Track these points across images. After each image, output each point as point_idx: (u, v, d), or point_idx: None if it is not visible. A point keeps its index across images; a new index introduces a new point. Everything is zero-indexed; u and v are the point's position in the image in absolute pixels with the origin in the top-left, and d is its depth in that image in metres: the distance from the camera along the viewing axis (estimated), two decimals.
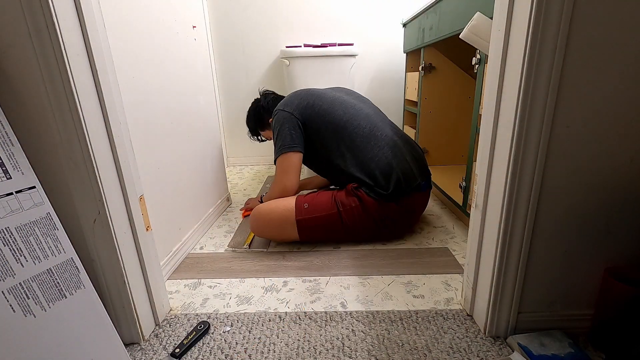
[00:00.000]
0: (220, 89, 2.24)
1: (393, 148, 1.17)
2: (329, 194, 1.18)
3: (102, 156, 0.66)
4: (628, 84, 0.59)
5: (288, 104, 1.26)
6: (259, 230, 1.20)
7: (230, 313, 0.88)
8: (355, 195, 1.14)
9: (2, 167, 0.59)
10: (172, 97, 1.10)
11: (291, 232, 1.16)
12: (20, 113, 0.61)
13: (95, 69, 0.64)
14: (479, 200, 0.75)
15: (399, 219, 1.17)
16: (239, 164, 2.42)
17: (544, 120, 0.61)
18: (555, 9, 0.55)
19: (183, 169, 1.17)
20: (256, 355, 0.74)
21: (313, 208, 1.14)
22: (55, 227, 0.64)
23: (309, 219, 1.14)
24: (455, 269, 1.04)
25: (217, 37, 2.13)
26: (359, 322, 0.83)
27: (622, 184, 0.65)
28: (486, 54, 0.96)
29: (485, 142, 0.72)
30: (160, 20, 1.04)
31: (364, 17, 2.07)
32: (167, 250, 1.05)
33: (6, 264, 0.57)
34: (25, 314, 0.58)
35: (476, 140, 1.07)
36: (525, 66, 0.58)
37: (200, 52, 1.33)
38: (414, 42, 1.68)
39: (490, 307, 0.74)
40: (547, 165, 0.64)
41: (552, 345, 0.71)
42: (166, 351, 0.76)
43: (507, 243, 0.69)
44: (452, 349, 0.74)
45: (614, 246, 0.69)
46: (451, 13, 1.19)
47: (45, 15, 0.55)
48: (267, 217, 1.17)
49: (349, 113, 1.22)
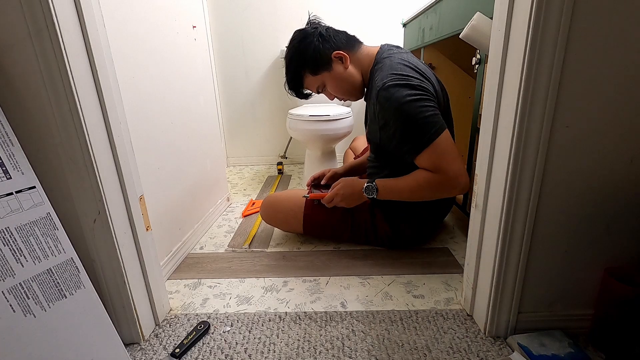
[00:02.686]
0: (220, 89, 2.23)
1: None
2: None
3: (102, 156, 0.66)
4: (628, 84, 0.59)
5: (405, 71, 0.92)
6: (268, 217, 1.21)
7: (230, 313, 0.88)
8: (372, 212, 1.10)
9: (2, 167, 0.59)
10: (172, 97, 1.10)
11: (296, 225, 1.17)
12: (20, 113, 0.61)
13: (95, 69, 0.64)
14: (479, 200, 0.75)
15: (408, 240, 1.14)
16: (239, 164, 2.41)
17: (544, 120, 0.61)
18: (555, 9, 0.55)
19: (183, 169, 1.17)
20: (256, 355, 0.74)
21: (323, 210, 1.12)
22: (55, 227, 0.64)
23: (315, 221, 1.14)
24: (455, 269, 1.04)
25: (217, 37, 2.13)
26: (359, 322, 0.83)
27: (622, 185, 0.65)
28: (486, 54, 0.96)
29: (485, 142, 0.72)
30: (160, 20, 1.04)
31: (364, 17, 2.07)
32: (167, 250, 1.05)
33: (6, 264, 0.57)
34: (25, 314, 0.58)
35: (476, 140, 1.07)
36: (525, 66, 0.58)
37: (200, 52, 1.33)
38: (414, 42, 1.68)
39: (490, 307, 0.74)
40: (547, 165, 0.64)
41: (552, 345, 0.71)
42: (166, 351, 0.76)
43: (507, 243, 0.69)
44: (452, 349, 0.74)
45: (614, 246, 0.69)
46: (451, 13, 1.19)
47: (45, 15, 0.55)
48: (276, 207, 1.18)
49: (449, 116, 1.02)
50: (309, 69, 1.04)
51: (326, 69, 1.03)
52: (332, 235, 1.18)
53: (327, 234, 1.18)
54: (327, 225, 1.14)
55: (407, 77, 0.90)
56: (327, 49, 1.02)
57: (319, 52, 1.01)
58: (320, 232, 1.18)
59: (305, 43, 1.02)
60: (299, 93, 1.12)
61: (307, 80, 1.07)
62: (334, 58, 1.02)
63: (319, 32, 1.03)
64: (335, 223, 1.13)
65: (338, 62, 1.03)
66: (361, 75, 1.06)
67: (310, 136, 1.60)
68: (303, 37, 1.04)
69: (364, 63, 1.05)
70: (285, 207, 1.17)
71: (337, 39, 1.03)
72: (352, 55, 1.04)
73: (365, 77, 1.06)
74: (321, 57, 1.02)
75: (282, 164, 2.14)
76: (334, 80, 1.04)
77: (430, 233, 1.23)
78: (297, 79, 1.07)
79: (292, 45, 1.06)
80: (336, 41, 1.03)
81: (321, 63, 1.02)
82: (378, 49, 1.05)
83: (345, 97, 1.10)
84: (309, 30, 1.04)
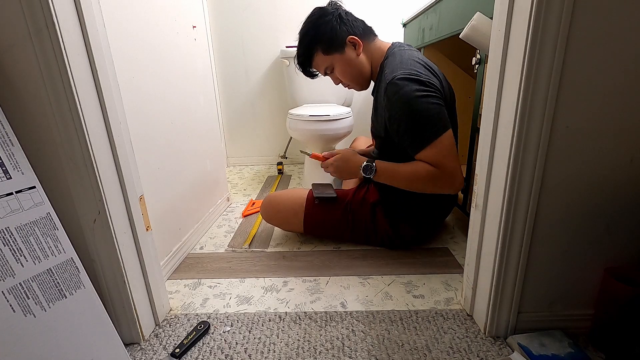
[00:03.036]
0: (220, 88, 2.23)
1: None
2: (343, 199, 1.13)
3: (102, 156, 0.66)
4: (628, 84, 0.59)
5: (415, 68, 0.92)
6: (268, 217, 1.20)
7: (230, 313, 0.88)
8: (372, 211, 1.10)
9: (2, 167, 0.59)
10: (172, 97, 1.10)
11: (297, 224, 1.16)
12: (20, 113, 0.61)
13: (95, 69, 0.64)
14: (479, 200, 0.75)
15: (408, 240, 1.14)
16: (239, 164, 2.41)
17: (544, 120, 0.61)
18: (555, 9, 0.55)
19: (183, 169, 1.17)
20: (256, 355, 0.74)
21: (323, 209, 1.13)
22: (55, 227, 0.64)
23: (316, 220, 1.14)
24: (455, 269, 1.04)
25: (217, 37, 2.13)
26: (359, 322, 0.83)
27: (622, 184, 0.65)
28: (486, 54, 0.95)
29: (485, 142, 0.72)
30: (160, 20, 1.04)
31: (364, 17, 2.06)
32: (167, 250, 1.05)
33: (6, 264, 0.57)
34: (25, 314, 0.58)
35: (476, 140, 1.07)
36: (525, 66, 0.58)
37: (200, 52, 1.33)
38: (414, 42, 1.68)
39: (490, 307, 0.74)
40: (547, 165, 0.64)
41: (552, 345, 0.71)
42: (166, 351, 0.76)
43: (507, 243, 0.69)
44: (452, 349, 0.74)
45: (614, 246, 0.69)
46: (451, 13, 1.19)
47: (45, 15, 0.55)
48: (277, 207, 1.18)
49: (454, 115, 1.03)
50: (321, 46, 1.03)
51: (338, 50, 1.02)
52: (332, 234, 1.18)
53: (328, 233, 1.18)
54: (327, 225, 1.14)
55: (416, 72, 0.90)
56: (344, 32, 1.01)
57: (335, 32, 1.01)
58: (320, 232, 1.19)
59: (324, 20, 1.02)
60: (306, 71, 1.12)
61: (317, 58, 1.06)
62: (348, 42, 1.02)
63: (339, 13, 1.03)
64: (336, 222, 1.13)
65: (351, 47, 1.03)
66: (370, 66, 1.06)
67: (310, 136, 1.60)
68: (322, 14, 1.03)
69: (375, 55, 1.05)
70: (286, 206, 1.17)
71: (355, 25, 1.04)
72: (365, 44, 1.04)
73: (374, 69, 1.06)
74: (336, 37, 1.01)
75: (282, 164, 2.14)
76: (344, 64, 1.04)
77: (430, 233, 1.23)
78: (308, 54, 1.06)
79: (309, 20, 1.05)
80: (354, 26, 1.03)
81: (335, 43, 1.02)
82: (390, 44, 1.06)
83: (351, 84, 1.09)
84: (329, 9, 1.04)
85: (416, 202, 1.05)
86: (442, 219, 1.18)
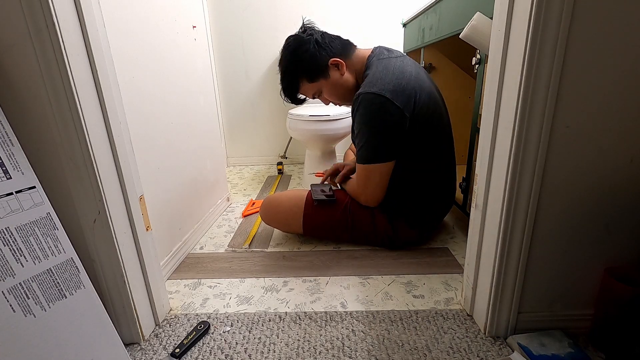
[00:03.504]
0: (220, 88, 2.24)
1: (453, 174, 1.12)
2: (342, 200, 1.14)
3: (102, 156, 0.66)
4: (628, 84, 0.59)
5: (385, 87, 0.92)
6: (267, 218, 1.20)
7: (230, 313, 0.88)
8: (372, 212, 1.10)
9: (2, 167, 0.59)
10: (172, 97, 1.10)
11: (297, 226, 1.16)
12: (20, 113, 0.61)
13: (95, 69, 0.64)
14: (479, 200, 0.75)
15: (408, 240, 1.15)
16: (239, 164, 2.41)
17: (544, 120, 0.61)
18: (555, 9, 0.55)
19: (183, 168, 1.17)
20: (256, 355, 0.74)
21: (323, 210, 1.13)
22: (55, 227, 0.64)
23: (315, 222, 1.14)
24: (455, 269, 1.04)
25: (217, 37, 2.13)
26: (359, 322, 0.83)
27: (622, 184, 0.65)
28: (486, 54, 0.96)
29: (485, 142, 0.72)
30: (160, 20, 1.04)
31: (364, 17, 2.07)
32: (167, 250, 1.05)
33: (6, 264, 0.57)
34: (25, 314, 0.58)
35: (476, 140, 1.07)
36: (525, 66, 0.58)
37: (200, 52, 1.33)
38: (414, 42, 1.68)
39: (490, 307, 0.74)
40: (547, 165, 0.64)
41: (552, 345, 0.71)
42: (166, 351, 0.76)
43: (507, 243, 0.69)
44: (452, 349, 0.74)
45: (613, 246, 0.69)
46: (451, 13, 1.19)
47: (45, 15, 0.55)
48: (276, 209, 1.18)
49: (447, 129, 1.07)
50: (305, 76, 1.04)
51: (323, 76, 1.03)
52: (332, 235, 1.18)
53: (327, 234, 1.18)
54: (327, 226, 1.14)
55: (381, 96, 0.92)
56: (324, 57, 1.01)
57: (316, 59, 1.01)
58: (320, 233, 1.18)
59: (302, 50, 1.01)
60: (294, 99, 1.12)
61: (303, 87, 1.07)
62: (331, 65, 1.03)
63: (315, 39, 1.01)
64: (335, 223, 1.13)
65: (334, 68, 1.04)
66: (356, 78, 1.08)
67: (310, 136, 1.60)
68: (299, 44, 1.02)
69: (358, 67, 1.07)
70: (285, 208, 1.17)
71: (333, 45, 1.03)
72: (347, 61, 1.06)
73: (360, 81, 1.07)
74: (318, 64, 1.01)
75: (282, 164, 2.14)
76: (330, 86, 1.05)
77: (430, 233, 1.23)
78: (293, 86, 1.07)
79: (287, 53, 1.04)
80: (332, 48, 1.03)
81: (318, 70, 1.02)
82: (370, 52, 1.05)
83: (341, 102, 1.12)
84: (304, 38, 1.02)
85: (414, 201, 1.07)
86: (441, 218, 1.19)
